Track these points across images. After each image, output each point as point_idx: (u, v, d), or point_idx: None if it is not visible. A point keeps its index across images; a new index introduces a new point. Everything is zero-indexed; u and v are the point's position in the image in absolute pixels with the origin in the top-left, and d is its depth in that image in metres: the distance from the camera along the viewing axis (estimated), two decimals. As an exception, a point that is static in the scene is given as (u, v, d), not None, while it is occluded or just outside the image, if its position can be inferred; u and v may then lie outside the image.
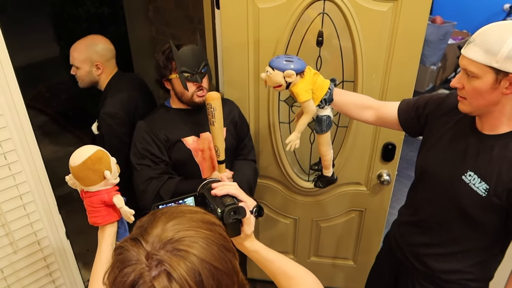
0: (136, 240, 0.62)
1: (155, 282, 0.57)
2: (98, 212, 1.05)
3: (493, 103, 1.10)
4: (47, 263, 1.68)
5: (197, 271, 0.59)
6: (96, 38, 1.90)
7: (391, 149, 1.91)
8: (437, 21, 4.79)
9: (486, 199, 1.15)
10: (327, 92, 1.33)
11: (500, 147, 1.14)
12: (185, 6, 2.62)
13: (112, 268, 0.62)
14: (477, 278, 1.34)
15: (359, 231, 2.20)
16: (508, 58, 1.00)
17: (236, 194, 0.91)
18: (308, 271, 0.94)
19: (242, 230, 0.89)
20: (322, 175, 1.54)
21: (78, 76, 1.89)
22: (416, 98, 1.42)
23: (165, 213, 0.66)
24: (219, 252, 0.63)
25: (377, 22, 1.63)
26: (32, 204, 1.56)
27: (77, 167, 1.01)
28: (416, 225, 1.41)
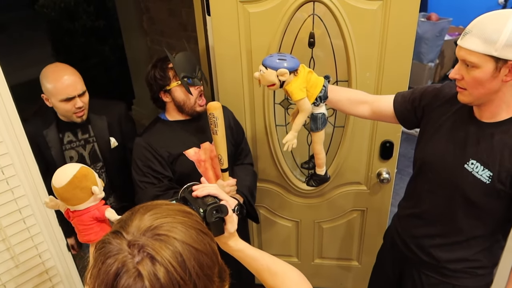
0: (117, 232, 0.63)
1: (140, 267, 0.58)
2: (91, 229, 1.03)
3: (493, 92, 1.10)
4: (50, 276, 1.68)
5: (178, 253, 0.60)
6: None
7: (389, 147, 1.90)
8: (432, 18, 4.79)
9: (491, 186, 1.16)
10: (322, 90, 1.32)
11: (500, 134, 1.14)
12: (178, 15, 2.64)
13: (95, 263, 0.62)
14: (483, 265, 1.34)
15: (362, 231, 2.19)
16: (507, 46, 1.01)
17: (217, 194, 0.92)
18: (293, 267, 0.94)
19: (225, 229, 0.90)
20: (315, 174, 1.52)
21: (87, 103, 1.70)
22: (411, 91, 1.41)
23: (142, 206, 0.68)
24: (197, 235, 0.64)
25: (367, 21, 1.64)
26: (32, 217, 1.56)
27: (63, 187, 0.98)
28: (419, 217, 1.40)
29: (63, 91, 1.57)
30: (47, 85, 1.58)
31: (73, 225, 1.04)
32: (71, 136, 1.74)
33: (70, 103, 1.60)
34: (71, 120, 1.66)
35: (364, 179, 2.03)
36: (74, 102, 1.60)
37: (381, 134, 1.88)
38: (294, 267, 0.94)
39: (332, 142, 1.97)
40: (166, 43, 2.93)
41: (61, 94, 1.57)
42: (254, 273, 0.94)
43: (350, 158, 1.96)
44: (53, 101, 1.60)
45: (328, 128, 1.95)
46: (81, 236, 1.04)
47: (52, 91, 1.57)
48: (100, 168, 1.81)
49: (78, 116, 1.65)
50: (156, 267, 0.58)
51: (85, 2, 3.87)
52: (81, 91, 1.62)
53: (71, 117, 1.64)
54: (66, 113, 1.63)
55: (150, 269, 0.58)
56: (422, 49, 4.84)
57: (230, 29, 1.73)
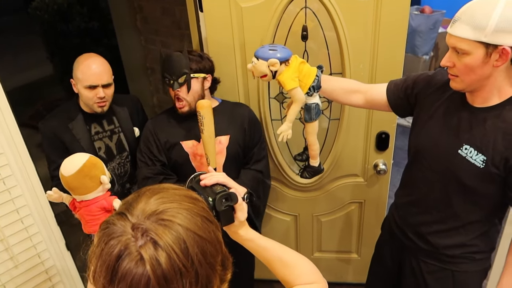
0: (121, 214, 0.63)
1: (142, 251, 0.58)
2: (98, 219, 1.03)
3: (485, 77, 1.11)
4: (49, 275, 1.68)
5: (182, 239, 0.60)
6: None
7: (384, 138, 1.91)
8: (426, 11, 4.80)
9: (485, 170, 1.17)
10: (315, 79, 1.32)
11: (493, 119, 1.15)
12: (171, 13, 2.64)
13: (98, 242, 0.62)
14: (481, 250, 1.35)
15: (360, 223, 2.20)
16: (496, 31, 1.02)
17: (225, 182, 0.91)
18: (304, 257, 0.93)
19: (235, 217, 0.89)
20: (308, 165, 1.52)
21: (110, 96, 1.71)
22: (404, 78, 1.42)
23: (149, 189, 0.67)
24: (202, 223, 0.64)
25: (359, 12, 1.64)
26: (30, 217, 1.56)
27: (73, 175, 0.99)
28: (415, 205, 1.41)
29: (88, 78, 1.60)
30: (76, 70, 1.62)
31: (79, 216, 1.05)
32: (98, 127, 1.76)
33: (93, 91, 1.62)
34: (93, 109, 1.68)
35: (361, 171, 2.03)
36: (97, 92, 1.63)
37: (377, 125, 1.89)
38: (305, 257, 0.93)
39: (328, 135, 1.98)
40: (160, 42, 2.92)
41: (86, 81, 1.60)
42: (265, 263, 0.93)
43: (346, 150, 1.97)
44: (79, 87, 1.63)
45: (324, 122, 1.95)
46: (87, 227, 1.04)
47: (79, 76, 1.61)
48: (126, 157, 1.83)
49: (99, 105, 1.66)
50: (158, 252, 0.58)
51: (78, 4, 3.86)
52: (106, 82, 1.64)
53: (93, 106, 1.66)
54: (88, 100, 1.65)
55: (152, 253, 0.58)
56: (416, 42, 4.84)
57: (223, 25, 1.74)
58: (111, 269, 0.58)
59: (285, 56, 1.28)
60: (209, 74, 1.64)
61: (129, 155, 1.83)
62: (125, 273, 0.57)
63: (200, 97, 1.62)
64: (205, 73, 1.62)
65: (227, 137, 1.65)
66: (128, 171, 1.86)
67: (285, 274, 0.90)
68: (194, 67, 1.58)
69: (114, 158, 1.78)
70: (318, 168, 1.52)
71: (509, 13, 1.01)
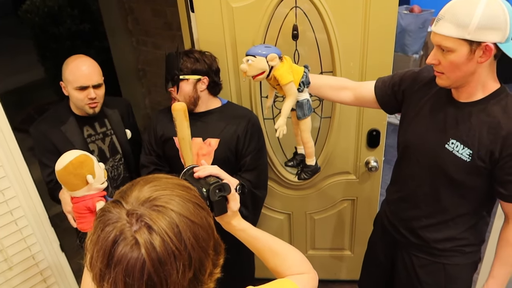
0: (116, 202, 0.66)
1: (137, 235, 0.60)
2: (84, 218, 1.05)
3: (469, 73, 1.14)
4: (44, 277, 1.68)
5: (175, 224, 0.62)
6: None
7: (375, 136, 1.93)
8: (415, 10, 4.85)
9: (471, 163, 1.20)
10: (303, 75, 1.35)
11: (478, 113, 1.19)
12: (163, 14, 2.65)
13: (95, 230, 0.64)
14: (470, 243, 1.37)
15: (353, 220, 2.22)
16: (479, 29, 1.05)
17: (219, 174, 0.93)
18: (295, 248, 0.96)
19: (228, 207, 0.92)
20: (305, 165, 1.51)
21: (101, 97, 1.69)
22: (391, 76, 1.45)
23: (142, 179, 0.70)
24: (194, 209, 0.67)
25: (349, 10, 1.67)
26: (24, 219, 1.56)
27: (60, 171, 1.02)
28: (405, 200, 1.44)
29: (78, 79, 1.59)
30: (65, 72, 1.62)
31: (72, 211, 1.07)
32: (90, 129, 1.76)
33: (83, 92, 1.62)
34: (84, 111, 1.67)
35: (353, 168, 2.06)
36: (88, 93, 1.62)
37: (368, 123, 1.91)
38: (295, 248, 0.96)
39: (320, 133, 2.00)
40: (151, 43, 2.94)
41: (76, 82, 1.59)
42: (256, 253, 0.95)
43: (338, 148, 1.99)
44: (69, 89, 1.63)
45: (316, 120, 1.97)
46: (77, 223, 1.07)
47: (69, 78, 1.60)
48: (119, 160, 1.83)
49: (91, 106, 1.66)
50: (152, 236, 0.60)
51: (69, 6, 3.85)
52: (96, 83, 1.63)
53: (84, 107, 1.65)
54: (79, 102, 1.64)
55: (147, 237, 0.60)
56: (406, 41, 4.89)
57: (214, 25, 1.75)
58: (107, 254, 0.61)
59: (279, 52, 1.33)
60: (205, 76, 1.61)
61: (122, 157, 1.83)
62: (120, 257, 0.60)
63: (193, 99, 1.62)
64: (201, 74, 1.60)
65: (217, 140, 1.65)
66: (122, 174, 1.85)
67: (276, 264, 0.93)
68: (186, 69, 1.58)
69: (107, 161, 1.78)
70: (315, 167, 1.51)
71: (490, 11, 1.04)
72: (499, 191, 1.22)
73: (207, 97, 1.67)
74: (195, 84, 1.61)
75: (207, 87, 1.64)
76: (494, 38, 1.06)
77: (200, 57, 1.61)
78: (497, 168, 1.18)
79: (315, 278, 0.93)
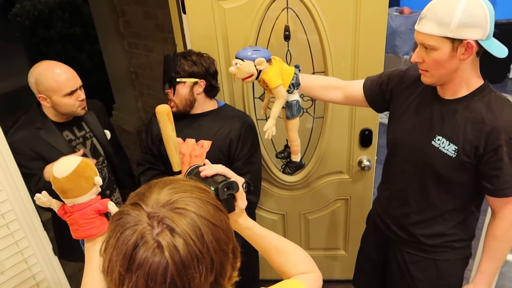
0: (136, 204, 0.64)
1: (160, 238, 0.59)
2: (93, 223, 1.01)
3: (453, 70, 1.17)
4: (37, 281, 1.66)
5: (197, 226, 0.61)
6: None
7: (368, 135, 1.95)
8: (405, 11, 4.90)
9: (457, 159, 1.23)
10: (294, 77, 1.37)
11: (462, 110, 1.22)
12: (154, 17, 2.65)
13: (112, 233, 0.63)
14: (460, 238, 1.39)
15: (347, 219, 2.23)
16: (460, 26, 1.07)
17: (225, 173, 0.93)
18: (299, 247, 0.96)
19: (236, 205, 0.92)
20: (290, 161, 1.55)
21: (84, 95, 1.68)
22: (379, 75, 1.48)
23: (159, 181, 0.69)
24: (214, 211, 0.66)
25: (340, 11, 1.68)
26: (16, 222, 1.55)
27: (67, 177, 0.96)
28: (395, 197, 1.46)
29: (66, 84, 1.56)
30: (46, 82, 1.55)
31: (71, 221, 1.01)
32: (70, 134, 1.73)
33: (73, 97, 1.60)
34: (75, 114, 1.65)
35: (346, 168, 2.07)
36: (77, 95, 1.60)
37: (360, 122, 1.93)
38: (300, 247, 0.96)
39: (312, 133, 2.01)
40: (143, 46, 2.93)
41: (64, 89, 1.56)
42: (261, 251, 0.95)
43: (331, 148, 2.00)
44: (55, 98, 1.57)
45: (308, 120, 1.98)
46: (81, 231, 1.00)
47: (54, 87, 1.55)
48: (102, 163, 1.81)
49: (82, 108, 1.64)
50: (175, 239, 0.59)
51: (60, 9, 3.83)
52: (80, 83, 1.62)
53: (76, 111, 1.63)
54: (71, 107, 1.61)
55: (170, 240, 0.59)
56: (396, 42, 4.94)
57: (206, 26, 1.75)
58: (128, 258, 0.59)
59: (268, 55, 1.33)
60: (202, 79, 1.61)
61: (105, 159, 1.81)
62: (142, 261, 0.58)
63: (189, 101, 1.62)
64: (198, 78, 1.59)
65: (209, 142, 1.65)
66: (106, 177, 1.83)
67: (281, 263, 0.93)
68: (183, 72, 1.57)
69: None
70: (299, 163, 1.56)
71: (471, 9, 1.07)
72: (485, 186, 1.24)
73: (204, 100, 1.67)
74: (192, 87, 1.61)
75: (204, 90, 1.64)
76: (475, 36, 1.09)
77: (197, 59, 1.60)
78: (482, 163, 1.21)
79: (320, 278, 0.93)
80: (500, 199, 1.24)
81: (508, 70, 5.11)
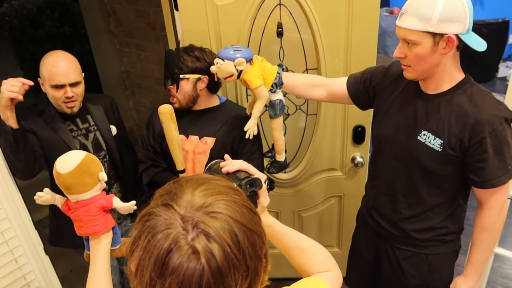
0: (167, 205, 0.61)
1: (195, 243, 0.57)
2: (97, 220, 0.98)
3: (435, 65, 1.18)
4: (27, 281, 1.64)
5: (233, 232, 0.59)
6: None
7: (361, 131, 1.95)
8: (395, 12, 4.95)
9: (443, 153, 1.24)
10: (276, 76, 1.38)
11: (445, 104, 1.23)
12: (146, 15, 2.63)
13: (140, 234, 0.60)
14: (450, 232, 1.41)
15: (340, 216, 2.24)
16: (441, 21, 1.09)
17: (247, 169, 0.90)
18: (320, 245, 0.94)
19: (258, 203, 0.89)
20: (275, 161, 1.57)
21: (79, 95, 1.66)
22: (362, 72, 1.49)
23: (191, 180, 0.66)
24: (248, 214, 0.63)
25: (332, 8, 1.68)
26: (6, 221, 1.52)
27: (71, 172, 0.93)
28: (384, 194, 1.46)
29: (54, 77, 1.54)
30: (42, 68, 1.56)
31: (74, 217, 0.98)
32: (72, 125, 1.71)
33: (60, 91, 1.57)
34: (62, 109, 1.63)
35: (339, 164, 2.07)
36: (64, 91, 1.58)
37: (353, 119, 1.93)
38: (321, 245, 0.94)
39: (306, 130, 2.01)
40: (135, 45, 2.91)
41: (52, 80, 1.55)
42: (282, 249, 0.93)
43: (324, 145, 2.00)
44: (46, 86, 1.58)
45: (301, 117, 1.98)
46: (84, 229, 0.98)
47: (45, 75, 1.55)
48: (103, 157, 1.79)
49: (68, 106, 1.61)
50: (211, 245, 0.57)
51: (49, 9, 3.79)
52: (73, 81, 1.59)
53: (61, 106, 1.61)
54: (56, 100, 1.60)
55: (206, 246, 0.56)
56: (387, 42, 4.98)
57: (199, 23, 1.75)
58: (161, 263, 0.57)
59: (249, 55, 1.33)
60: (205, 75, 1.59)
61: (106, 154, 1.80)
62: (176, 267, 0.56)
63: (192, 97, 1.61)
64: (201, 73, 1.58)
65: (213, 139, 1.64)
66: (107, 172, 1.82)
67: (302, 261, 0.91)
68: (186, 68, 1.56)
69: None
70: (284, 163, 1.57)
71: (451, 3, 1.09)
72: (471, 178, 1.26)
73: (207, 95, 1.65)
74: (195, 83, 1.59)
75: (207, 86, 1.62)
76: (455, 30, 1.11)
77: (200, 55, 1.58)
78: (467, 156, 1.23)
79: (340, 276, 0.91)
80: (487, 190, 1.25)
81: (496, 69, 5.18)
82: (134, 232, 0.62)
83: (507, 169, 1.22)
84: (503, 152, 1.19)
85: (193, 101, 1.62)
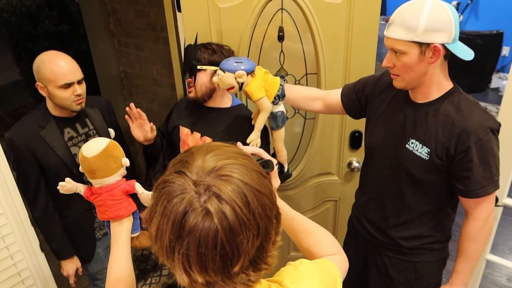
0: (180, 172, 0.65)
1: (208, 205, 0.60)
2: (121, 204, 1.02)
3: (422, 74, 1.21)
4: (22, 278, 1.63)
5: (243, 193, 0.63)
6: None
7: (358, 137, 1.98)
8: (392, 20, 4.99)
9: (430, 161, 1.26)
10: (279, 89, 1.39)
11: (433, 112, 1.25)
12: (146, 15, 2.64)
13: (157, 201, 0.64)
14: (437, 240, 1.42)
15: (336, 220, 2.25)
16: (426, 31, 1.12)
17: (260, 153, 0.94)
18: (326, 230, 0.99)
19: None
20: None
21: (84, 92, 1.67)
22: (355, 82, 1.52)
23: (201, 148, 0.70)
24: (258, 177, 0.67)
25: (333, 15, 1.71)
26: (3, 217, 1.52)
27: (97, 155, 0.97)
28: (372, 201, 1.49)
29: (63, 76, 1.53)
30: (44, 71, 1.53)
31: (98, 202, 1.01)
32: (72, 131, 1.70)
33: (69, 90, 1.56)
34: (70, 109, 1.62)
35: (336, 169, 2.09)
36: (74, 89, 1.57)
37: (350, 124, 1.95)
38: (326, 230, 0.99)
39: (303, 134, 2.03)
40: (134, 45, 2.91)
41: (60, 80, 1.53)
42: (290, 233, 0.97)
43: (321, 149, 2.02)
44: (51, 89, 1.55)
45: (299, 124, 2.00)
46: (109, 212, 1.01)
47: (50, 77, 1.53)
48: None
49: (78, 103, 1.61)
50: (223, 206, 0.61)
51: (47, 6, 3.78)
52: (79, 78, 1.59)
53: (71, 105, 1.60)
54: (65, 101, 1.58)
55: (218, 207, 0.60)
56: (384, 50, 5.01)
57: (201, 25, 1.76)
58: (178, 225, 0.61)
59: (250, 68, 1.34)
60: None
61: None
62: (192, 228, 0.60)
63: (209, 89, 1.59)
64: (218, 66, 1.54)
65: (210, 140, 1.65)
66: None
67: (309, 244, 0.95)
68: (204, 60, 1.56)
69: None
70: (286, 173, 1.59)
71: (436, 13, 1.11)
72: (457, 187, 1.27)
73: (222, 91, 1.63)
74: (212, 75, 1.58)
75: None
76: (441, 39, 1.13)
77: (218, 49, 1.59)
78: (453, 165, 1.24)
79: (346, 260, 0.96)
80: (472, 200, 1.26)
81: (489, 80, 5.25)
82: (151, 200, 0.66)
83: (493, 179, 1.22)
84: (488, 162, 1.20)
85: (209, 94, 1.60)
